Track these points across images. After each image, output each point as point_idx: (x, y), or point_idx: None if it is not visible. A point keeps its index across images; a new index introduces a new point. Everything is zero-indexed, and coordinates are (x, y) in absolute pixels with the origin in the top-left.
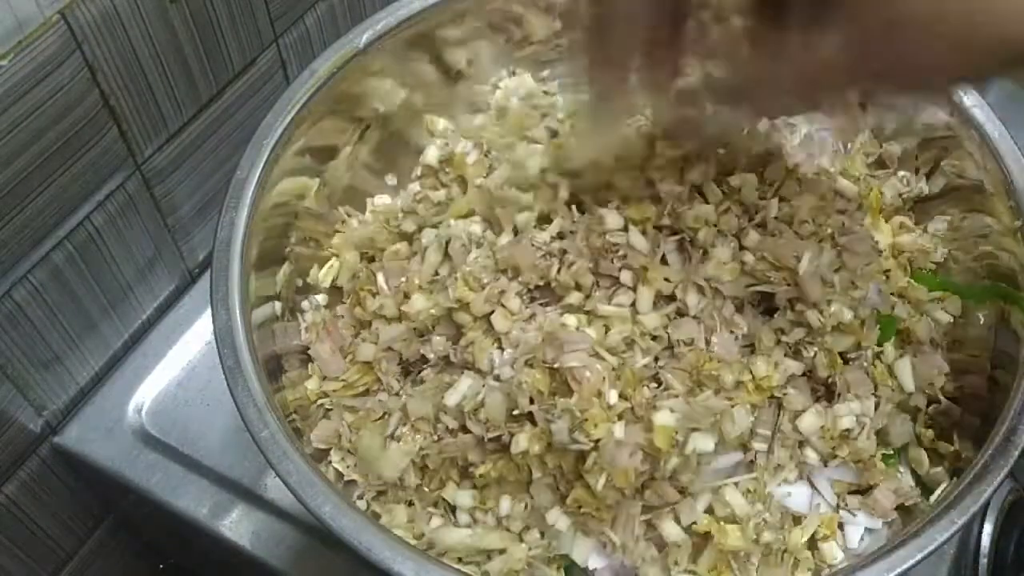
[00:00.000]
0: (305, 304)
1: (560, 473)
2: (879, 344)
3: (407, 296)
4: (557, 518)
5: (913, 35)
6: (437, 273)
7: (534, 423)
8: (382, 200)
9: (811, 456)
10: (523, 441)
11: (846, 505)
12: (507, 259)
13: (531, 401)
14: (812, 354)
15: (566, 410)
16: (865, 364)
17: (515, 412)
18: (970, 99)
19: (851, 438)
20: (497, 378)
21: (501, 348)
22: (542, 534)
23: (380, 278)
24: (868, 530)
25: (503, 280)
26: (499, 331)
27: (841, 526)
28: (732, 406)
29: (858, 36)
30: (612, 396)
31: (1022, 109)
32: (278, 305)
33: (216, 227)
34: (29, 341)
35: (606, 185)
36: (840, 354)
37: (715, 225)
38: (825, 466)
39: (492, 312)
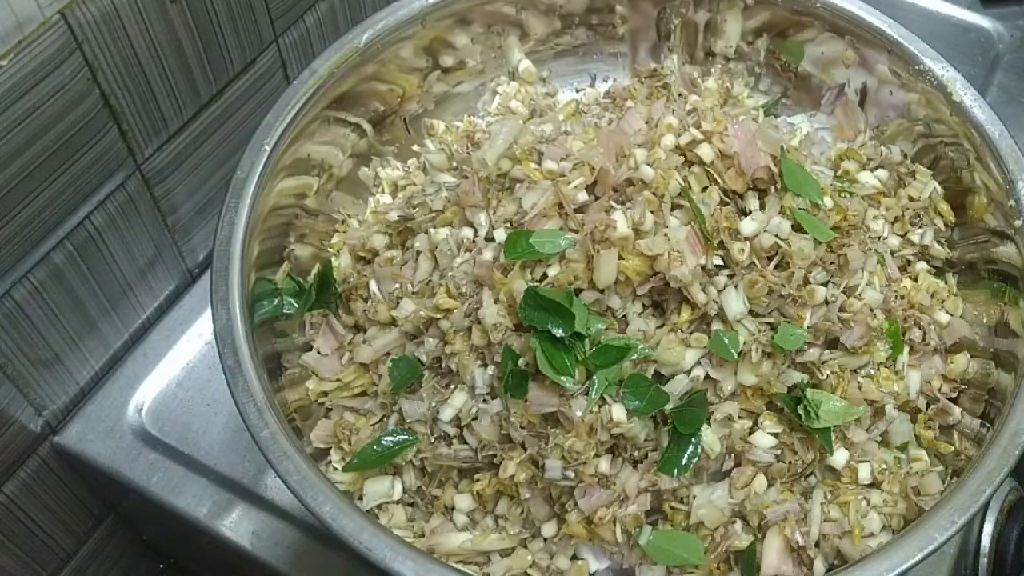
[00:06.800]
0: None
1: (551, 495)
2: (891, 359)
3: (399, 300)
4: (553, 531)
5: None
6: (430, 280)
7: (526, 447)
8: (384, 200)
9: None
10: (511, 467)
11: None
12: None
13: (522, 426)
14: (825, 376)
15: (557, 445)
16: (872, 373)
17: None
18: (970, 99)
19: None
20: (485, 398)
21: (484, 365)
22: (545, 540)
23: (372, 285)
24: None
25: (486, 293)
26: (477, 345)
27: None
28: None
29: None
30: (604, 435)
31: (1022, 109)
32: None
33: (216, 227)
34: (29, 341)
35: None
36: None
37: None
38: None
39: (471, 327)
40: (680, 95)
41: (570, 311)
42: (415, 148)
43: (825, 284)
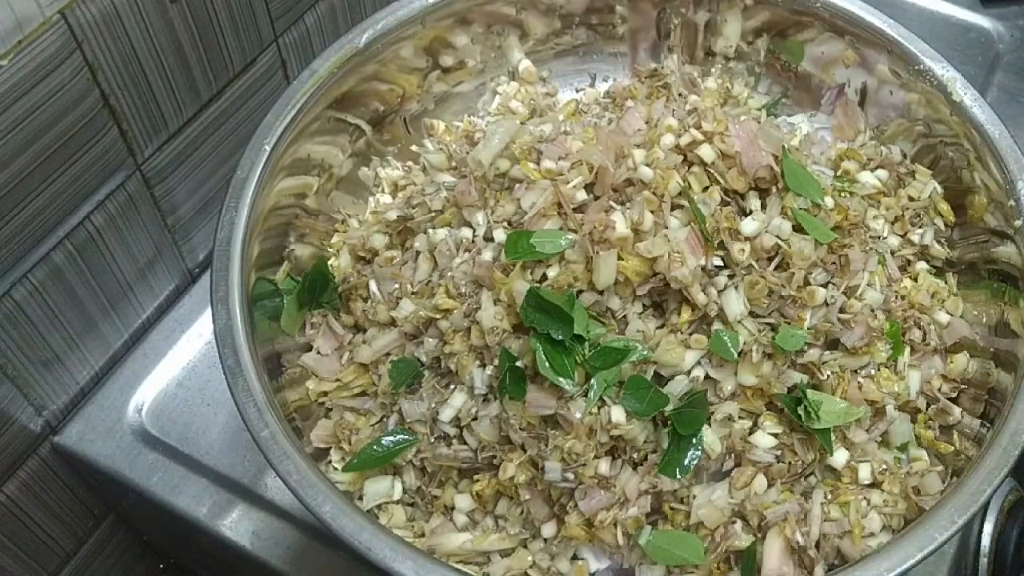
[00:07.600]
0: None
1: (551, 496)
2: (891, 359)
3: (399, 301)
4: (552, 532)
5: None
6: (429, 280)
7: (525, 448)
8: (384, 200)
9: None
10: (511, 469)
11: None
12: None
13: (521, 427)
14: (825, 376)
15: (557, 447)
16: (873, 373)
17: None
18: (970, 99)
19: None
20: (485, 398)
21: (483, 365)
22: (545, 540)
23: (372, 285)
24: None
25: (485, 295)
26: (476, 345)
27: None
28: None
29: None
30: (603, 436)
31: (1022, 109)
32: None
33: (216, 227)
34: (29, 341)
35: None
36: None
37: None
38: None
39: (470, 328)
40: (680, 95)
41: (570, 316)
42: (415, 148)
43: (825, 285)
